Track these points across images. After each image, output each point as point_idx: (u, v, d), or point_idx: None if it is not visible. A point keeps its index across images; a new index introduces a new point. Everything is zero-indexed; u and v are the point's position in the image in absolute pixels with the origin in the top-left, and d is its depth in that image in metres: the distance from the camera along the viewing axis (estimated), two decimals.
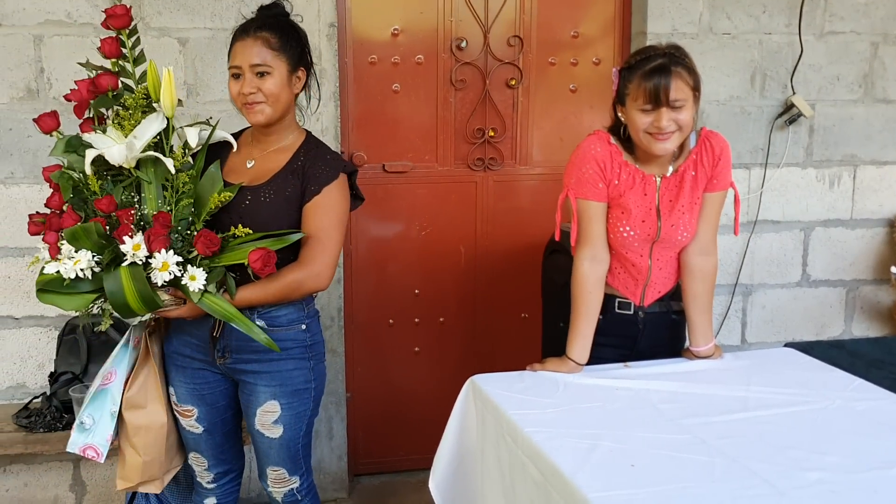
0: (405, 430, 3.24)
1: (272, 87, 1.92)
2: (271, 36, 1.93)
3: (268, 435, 2.02)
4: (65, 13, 2.66)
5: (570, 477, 1.48)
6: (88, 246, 1.74)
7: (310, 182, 1.93)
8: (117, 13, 1.83)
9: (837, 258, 3.41)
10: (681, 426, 1.72)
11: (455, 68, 3.06)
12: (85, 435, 1.94)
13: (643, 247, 2.06)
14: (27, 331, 2.80)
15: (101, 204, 1.77)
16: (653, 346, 2.15)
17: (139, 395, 1.98)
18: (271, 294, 1.89)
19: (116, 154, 1.78)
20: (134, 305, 1.76)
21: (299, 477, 2.10)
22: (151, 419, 1.99)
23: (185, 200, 1.83)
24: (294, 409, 2.01)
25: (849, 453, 1.60)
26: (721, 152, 2.03)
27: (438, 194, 3.15)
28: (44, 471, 2.85)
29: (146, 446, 1.98)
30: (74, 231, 1.73)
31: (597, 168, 2.00)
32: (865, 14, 3.22)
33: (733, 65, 3.16)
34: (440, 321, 3.23)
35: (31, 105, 2.68)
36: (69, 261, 1.73)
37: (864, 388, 1.96)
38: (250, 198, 1.92)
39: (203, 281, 1.76)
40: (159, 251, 1.73)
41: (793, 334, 3.37)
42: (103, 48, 1.85)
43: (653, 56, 1.92)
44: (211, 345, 1.99)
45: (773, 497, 1.42)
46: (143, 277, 1.74)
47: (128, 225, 1.75)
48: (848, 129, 3.31)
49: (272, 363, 1.97)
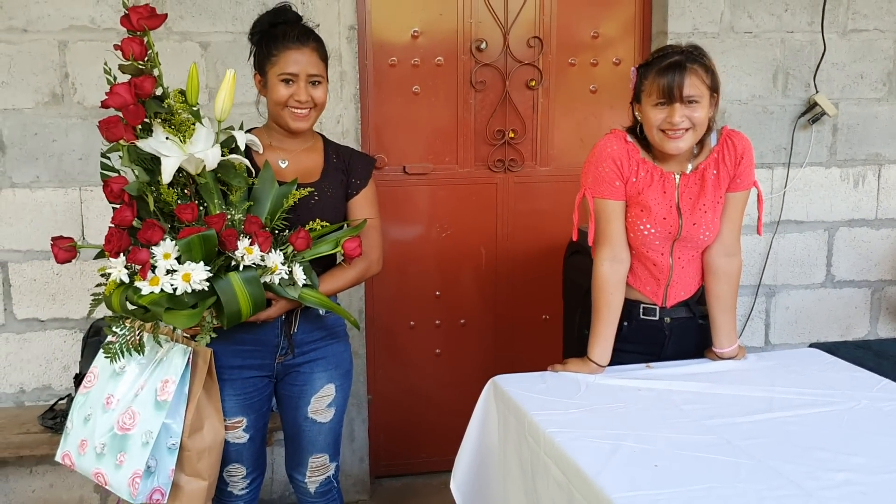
0: (426, 432, 3.24)
1: (323, 95, 2.02)
2: (319, 47, 2.02)
3: (320, 420, 2.09)
4: (89, 19, 2.69)
5: (594, 478, 1.47)
6: (200, 256, 1.70)
7: (354, 177, 2.08)
8: (150, 13, 1.78)
9: (862, 258, 3.37)
10: (705, 427, 1.70)
11: (475, 70, 3.06)
12: (151, 479, 1.83)
13: (664, 245, 2.05)
14: (52, 333, 2.83)
15: (184, 213, 1.73)
16: (679, 353, 2.13)
17: (196, 417, 1.88)
18: (349, 281, 2.05)
19: (212, 158, 1.75)
20: (245, 310, 1.76)
21: (336, 464, 2.18)
22: (213, 438, 1.92)
23: (246, 203, 1.85)
24: (344, 389, 2.13)
25: (876, 454, 1.57)
26: (744, 151, 2.02)
27: (459, 196, 3.15)
28: (69, 472, 2.87)
29: (210, 467, 1.92)
30: (190, 242, 1.69)
31: (613, 166, 2.00)
32: (889, 11, 3.18)
33: (755, 64, 3.13)
34: (461, 323, 3.23)
35: (56, 110, 2.71)
36: (175, 276, 1.68)
37: (890, 389, 1.93)
38: (317, 195, 2.00)
39: (304, 277, 1.84)
40: (268, 252, 1.78)
41: (817, 335, 3.34)
42: (132, 49, 1.74)
43: (670, 53, 1.93)
44: (287, 343, 2.02)
45: (799, 498, 1.40)
46: (258, 280, 1.76)
47: (232, 230, 1.74)
48: (872, 128, 3.27)
49: (328, 347, 2.08)
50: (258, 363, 2.02)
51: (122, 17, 1.77)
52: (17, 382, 2.84)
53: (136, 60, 1.75)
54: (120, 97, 1.71)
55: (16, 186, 2.73)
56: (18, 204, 2.74)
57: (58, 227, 2.73)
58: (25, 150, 2.72)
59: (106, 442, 1.84)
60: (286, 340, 2.02)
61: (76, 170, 2.74)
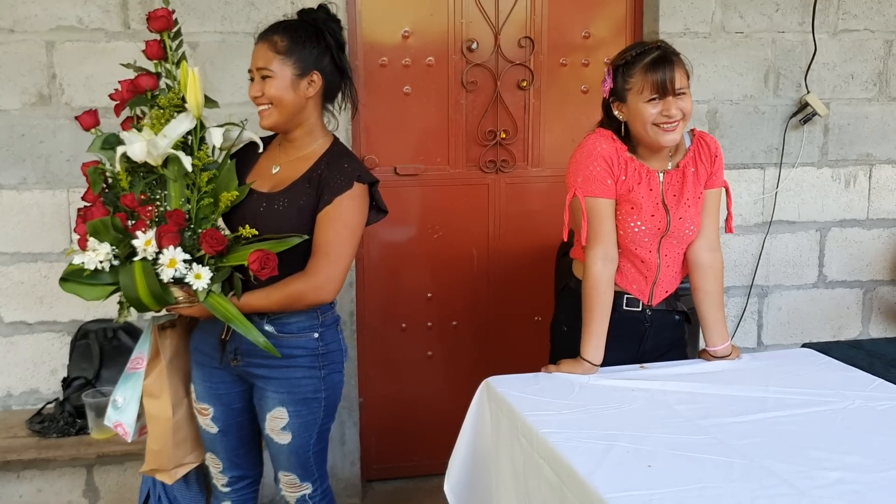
0: (418, 435, 3.23)
1: (272, 90, 1.90)
2: (280, 39, 1.91)
3: (277, 441, 2.01)
4: (76, 19, 2.67)
5: (586, 477, 1.46)
6: (108, 239, 1.79)
7: (324, 191, 1.90)
8: (158, 15, 1.88)
9: (854, 259, 3.38)
10: (698, 427, 1.70)
11: (466, 70, 3.05)
12: (117, 413, 2.03)
13: (652, 242, 2.06)
14: (40, 336, 2.80)
15: (125, 199, 1.82)
16: (657, 346, 2.15)
17: (155, 384, 2.01)
18: (274, 302, 1.88)
19: (138, 151, 1.81)
20: (145, 300, 1.79)
21: (311, 483, 2.07)
22: (160, 410, 2.02)
23: (206, 199, 1.85)
24: (302, 417, 1.98)
25: (869, 453, 1.57)
26: (717, 150, 2.11)
27: (450, 197, 3.13)
28: (57, 476, 2.84)
29: (155, 435, 2.03)
30: (95, 224, 1.79)
31: (604, 165, 2.00)
32: (879, 12, 3.19)
33: (746, 64, 3.14)
34: (453, 325, 3.21)
35: (44, 111, 2.69)
36: (92, 253, 1.78)
37: (883, 388, 1.93)
38: (265, 204, 1.92)
39: (208, 280, 1.77)
40: (167, 248, 1.76)
41: (809, 336, 3.33)
42: (148, 51, 1.90)
43: (649, 49, 1.97)
44: (220, 347, 1.99)
45: (793, 497, 1.40)
46: (152, 273, 1.77)
47: (143, 220, 1.79)
48: (863, 128, 3.28)
49: (280, 370, 1.95)
50: (218, 356, 2.01)
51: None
52: (4, 386, 2.81)
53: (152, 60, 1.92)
54: (119, 93, 1.92)
55: (2, 188, 2.71)
56: (5, 206, 2.72)
57: (45, 230, 2.71)
58: (12, 152, 2.69)
59: None
60: (221, 345, 1.99)
61: (64, 171, 2.71)
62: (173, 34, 1.92)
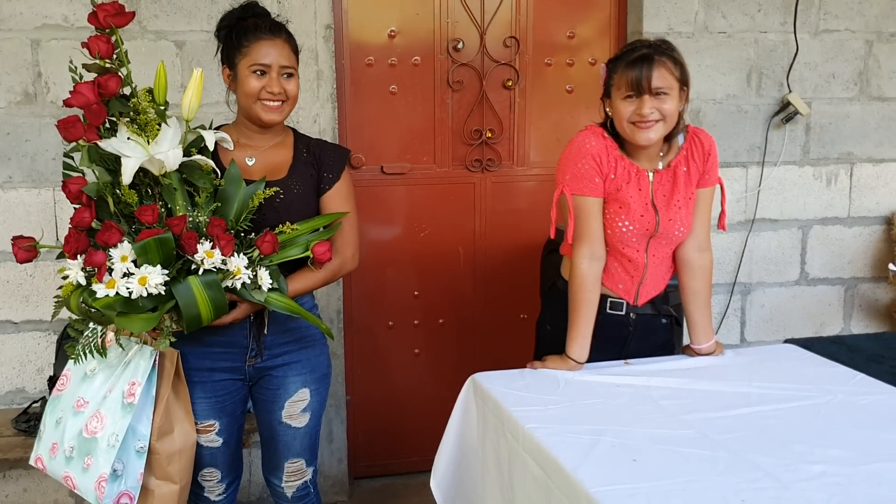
0: (405, 433, 3.24)
1: (296, 88, 1.98)
2: (290, 39, 1.99)
3: (294, 425, 2.06)
4: (62, 17, 2.66)
5: (572, 472, 1.48)
6: (157, 259, 1.67)
7: (326, 171, 2.01)
8: (118, 11, 1.74)
9: (835, 256, 3.42)
10: (683, 421, 1.71)
11: (452, 69, 3.06)
12: (118, 483, 1.80)
13: (640, 242, 2.06)
14: (26, 335, 2.79)
15: (144, 215, 1.69)
16: (641, 350, 2.14)
17: (166, 421, 1.86)
18: (319, 280, 1.98)
19: (173, 159, 1.71)
20: (205, 315, 1.72)
21: (313, 469, 2.14)
22: (183, 441, 1.90)
23: (213, 205, 1.81)
24: (320, 394, 2.09)
25: (852, 446, 1.59)
26: (710, 148, 2.06)
27: (437, 195, 3.15)
28: (43, 476, 2.80)
29: (181, 471, 1.90)
30: (146, 245, 1.65)
31: (593, 163, 1.99)
32: (859, 12, 3.23)
33: (729, 63, 3.17)
34: (440, 322, 3.22)
35: (29, 109, 2.67)
36: (131, 279, 1.65)
37: (865, 383, 1.96)
38: (282, 193, 1.94)
39: (269, 281, 1.79)
40: (230, 256, 1.73)
41: (792, 333, 3.37)
42: (98, 48, 1.71)
43: (639, 47, 1.96)
44: (256, 345, 1.98)
45: (776, 490, 1.42)
46: (219, 284, 1.72)
47: (193, 233, 1.70)
48: (844, 127, 3.32)
49: (301, 351, 2.04)
50: (228, 366, 1.99)
51: (89, 14, 1.74)
52: None
53: (103, 59, 1.72)
54: (83, 96, 1.69)
55: None
56: None
57: (31, 228, 2.70)
58: None
59: (74, 445, 1.82)
60: (255, 343, 1.98)
61: (49, 170, 2.70)
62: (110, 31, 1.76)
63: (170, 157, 1.72)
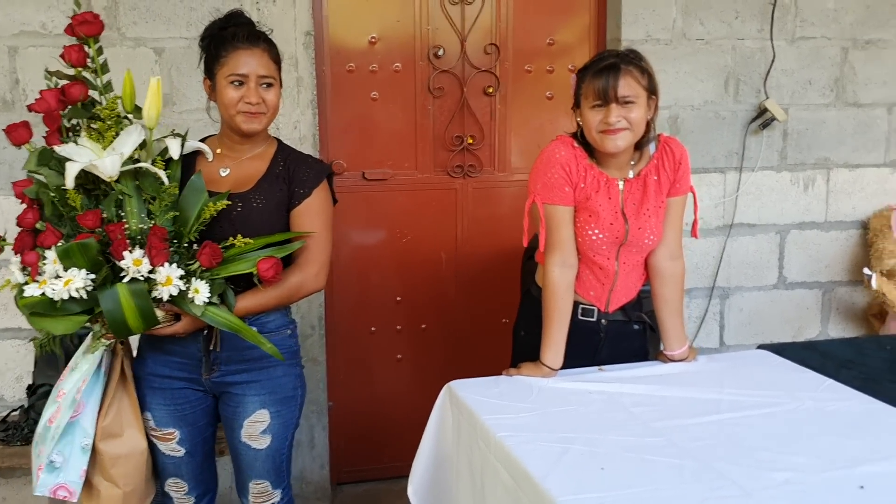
0: (387, 438, 3.25)
1: (275, 98, 1.96)
2: (270, 49, 1.96)
3: (254, 446, 2.00)
4: (40, 24, 2.66)
5: (540, 480, 1.49)
6: (83, 264, 1.67)
7: (297, 186, 1.96)
8: (88, 20, 1.77)
9: (813, 260, 3.45)
10: (652, 429, 1.74)
11: (433, 76, 3.08)
12: (55, 475, 1.84)
13: (611, 250, 2.08)
14: (4, 343, 2.79)
15: (85, 220, 1.70)
16: (614, 356, 2.16)
17: (114, 423, 1.88)
18: (273, 299, 1.90)
19: (110, 166, 1.71)
20: (132, 324, 1.72)
21: (281, 491, 2.08)
22: (131, 446, 1.90)
23: (169, 213, 1.80)
24: (282, 417, 2.01)
25: (817, 453, 1.62)
26: (681, 157, 2.08)
27: (418, 201, 3.16)
28: (22, 484, 2.82)
29: (126, 476, 1.90)
30: (69, 249, 1.66)
31: (563, 172, 2.01)
32: (835, 20, 3.26)
33: (707, 70, 3.19)
34: (422, 328, 3.24)
35: (6, 116, 2.66)
36: (57, 281, 1.65)
37: (833, 389, 1.98)
38: (241, 205, 1.92)
39: (207, 294, 1.75)
40: (162, 265, 1.70)
41: (770, 336, 3.40)
42: (69, 56, 1.77)
43: (606, 57, 1.98)
44: (206, 360, 1.95)
45: (740, 498, 1.44)
46: (145, 294, 1.70)
47: (123, 240, 1.69)
48: (820, 133, 3.35)
49: (262, 371, 1.97)
50: (186, 376, 1.97)
51: (66, 26, 1.78)
52: None
53: (75, 67, 1.76)
54: (45, 102, 1.75)
55: None
56: None
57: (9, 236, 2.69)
58: None
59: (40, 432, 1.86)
60: (206, 357, 1.95)
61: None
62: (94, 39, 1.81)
63: (107, 163, 1.71)
